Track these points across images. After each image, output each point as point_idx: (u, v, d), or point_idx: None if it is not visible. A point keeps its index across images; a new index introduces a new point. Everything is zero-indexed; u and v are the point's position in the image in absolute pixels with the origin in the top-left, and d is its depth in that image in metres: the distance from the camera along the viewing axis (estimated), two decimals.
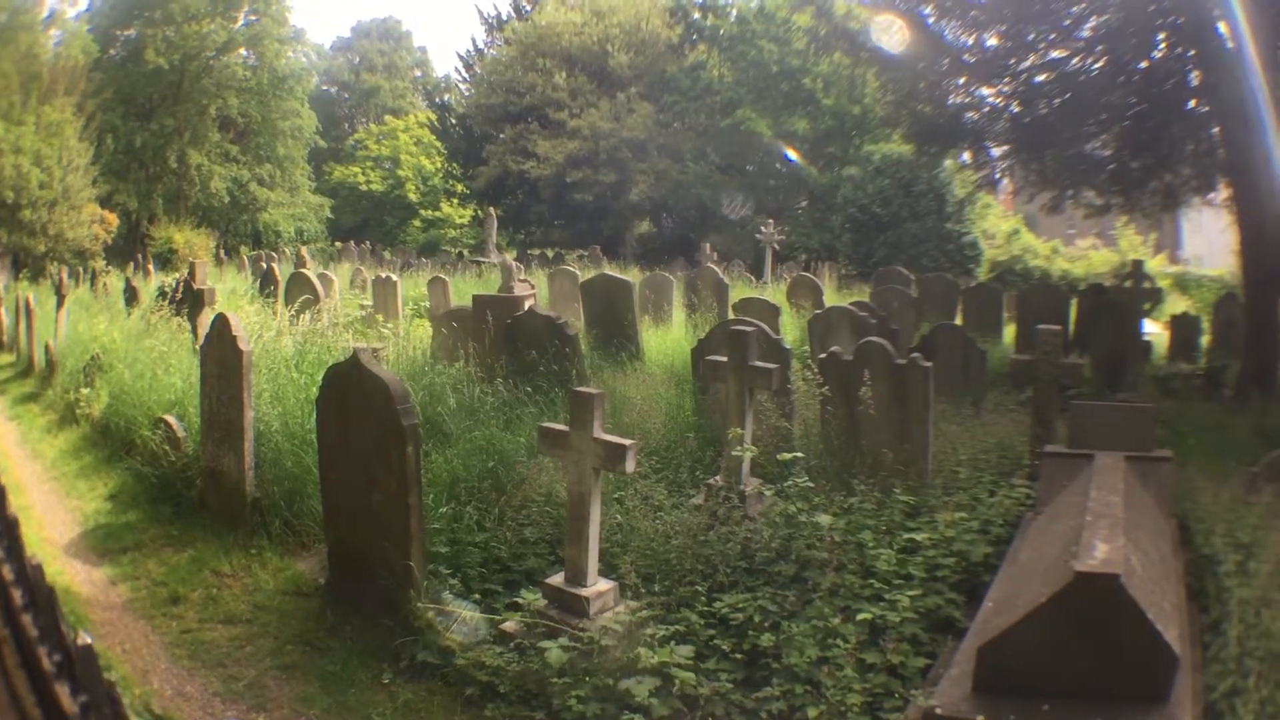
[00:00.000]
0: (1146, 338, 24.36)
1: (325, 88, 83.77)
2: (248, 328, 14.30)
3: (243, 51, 64.53)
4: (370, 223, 74.24)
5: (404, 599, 8.58)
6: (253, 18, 64.20)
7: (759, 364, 11.37)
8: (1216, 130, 21.29)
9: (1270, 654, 7.25)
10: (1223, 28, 19.64)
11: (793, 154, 53.46)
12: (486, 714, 7.61)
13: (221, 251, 54.78)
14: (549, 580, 8.78)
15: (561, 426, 8.71)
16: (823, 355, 13.23)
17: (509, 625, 8.39)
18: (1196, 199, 25.31)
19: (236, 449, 11.31)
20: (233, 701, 7.89)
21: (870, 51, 24.65)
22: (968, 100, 24.42)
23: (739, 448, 10.98)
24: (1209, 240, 55.98)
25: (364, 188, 74.18)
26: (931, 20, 23.38)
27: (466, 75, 77.65)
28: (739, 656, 8.01)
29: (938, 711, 6.31)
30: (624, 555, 9.26)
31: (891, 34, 23.54)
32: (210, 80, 62.39)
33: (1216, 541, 9.41)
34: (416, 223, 75.57)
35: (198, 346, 13.69)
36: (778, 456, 10.91)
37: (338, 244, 62.11)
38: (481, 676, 7.83)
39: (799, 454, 11.13)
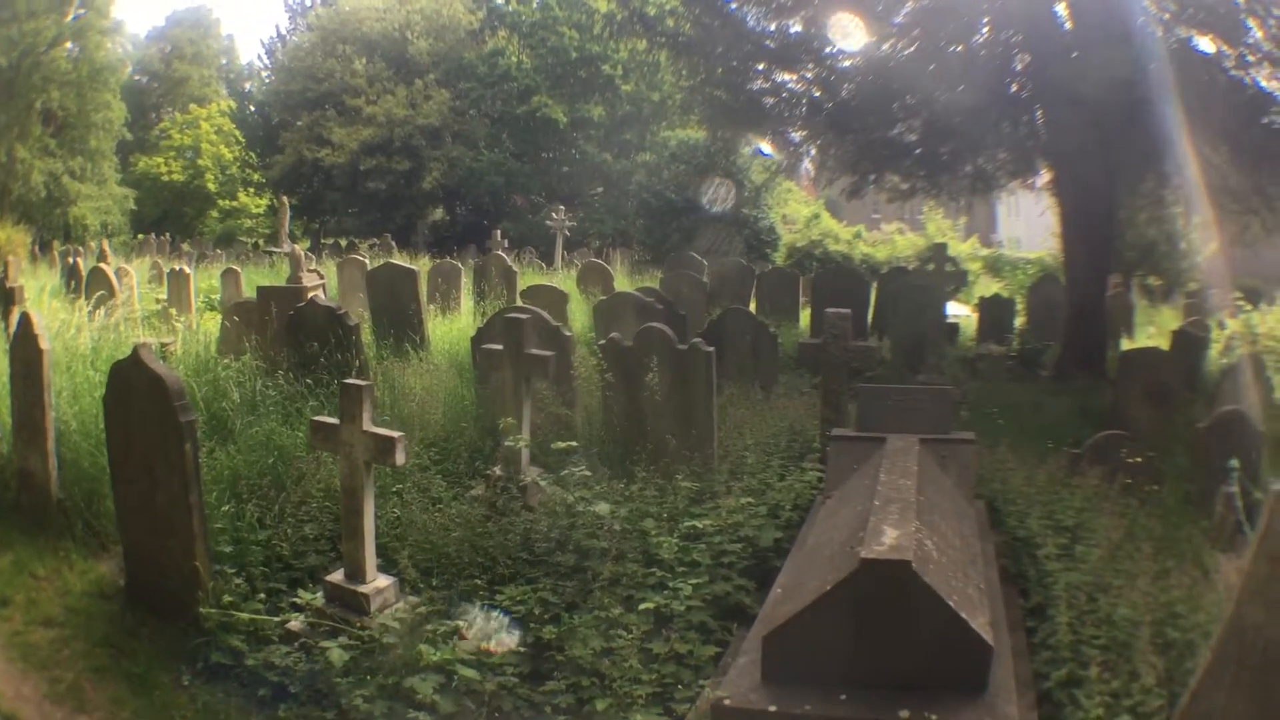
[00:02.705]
0: (953, 320, 24.70)
1: (137, 77, 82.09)
2: (52, 325, 14.01)
3: (69, 45, 63.25)
4: (171, 214, 72.34)
5: (193, 600, 8.19)
6: (81, 11, 62.78)
7: (535, 352, 11.22)
8: (1039, 113, 21.15)
9: (1115, 642, 7.10)
10: (1062, 9, 19.59)
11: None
12: (280, 715, 7.42)
13: (37, 248, 53.59)
14: (329, 577, 8.50)
15: (332, 420, 8.46)
16: (602, 342, 13.23)
17: (294, 624, 8.18)
18: (1015, 182, 25.56)
19: (41, 450, 10.87)
20: (58, 703, 7.68)
21: (667, 37, 24.60)
22: (767, 86, 24.39)
23: (513, 438, 10.79)
24: (1027, 223, 56.81)
25: (165, 178, 72.22)
26: (734, 6, 23.30)
27: (269, 62, 77.55)
28: (523, 650, 7.89)
29: (726, 703, 6.18)
30: (403, 549, 8.99)
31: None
32: (39, 75, 60.93)
33: (1033, 524, 9.48)
34: (214, 213, 73.66)
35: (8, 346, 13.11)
36: (552, 445, 10.94)
37: (140, 236, 61.12)
38: (272, 677, 7.62)
39: (574, 443, 10.93)
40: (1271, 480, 5.53)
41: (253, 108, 76.09)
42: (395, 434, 8.02)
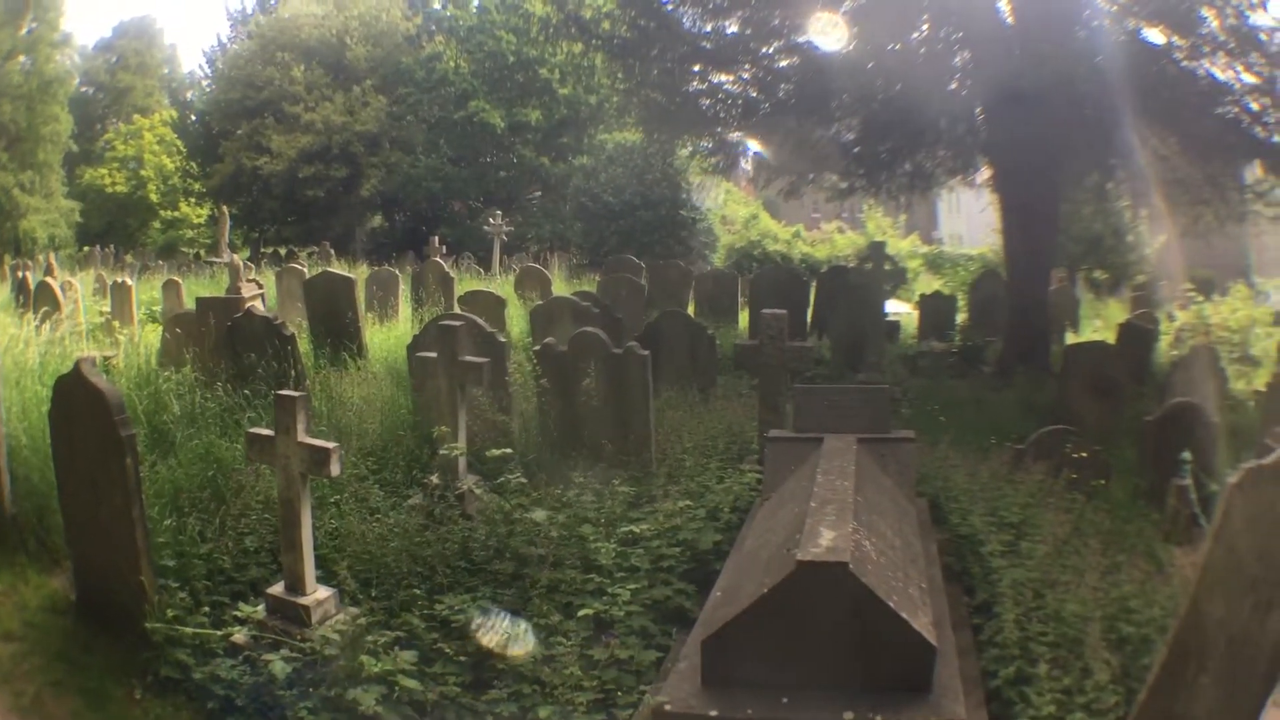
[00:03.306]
0: (893, 318, 24.91)
1: (84, 89, 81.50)
2: (0, 340, 14.25)
3: (22, 58, 62.86)
4: (115, 226, 72.01)
5: (140, 614, 8.11)
6: (34, 25, 62.42)
7: (469, 359, 11.15)
8: (979, 110, 21.22)
9: (1065, 639, 7.09)
10: (1004, 4, 19.58)
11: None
12: None
13: None
14: (270, 590, 8.42)
15: (267, 432, 8.40)
16: (537, 347, 13.25)
17: (238, 637, 8.03)
18: (955, 180, 25.73)
19: None
20: (24, 716, 7.63)
21: (602, 39, 24.68)
22: (704, 87, 24.49)
23: (448, 445, 10.83)
24: (968, 220, 57.35)
25: (109, 190, 72.16)
26: (671, 7, 23.41)
27: (209, 71, 76.24)
28: (464, 659, 7.86)
29: (667, 708, 6.26)
30: (342, 560, 9.01)
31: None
32: None
33: (976, 521, 9.47)
34: (156, 224, 73.85)
35: None
36: (486, 453, 11.01)
37: (86, 249, 60.26)
38: (219, 690, 7.52)
39: (508, 450, 11.02)
40: (1227, 472, 5.41)
41: (194, 117, 75.26)
42: (330, 445, 7.96)
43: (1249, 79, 18.31)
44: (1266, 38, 17.63)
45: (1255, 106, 18.64)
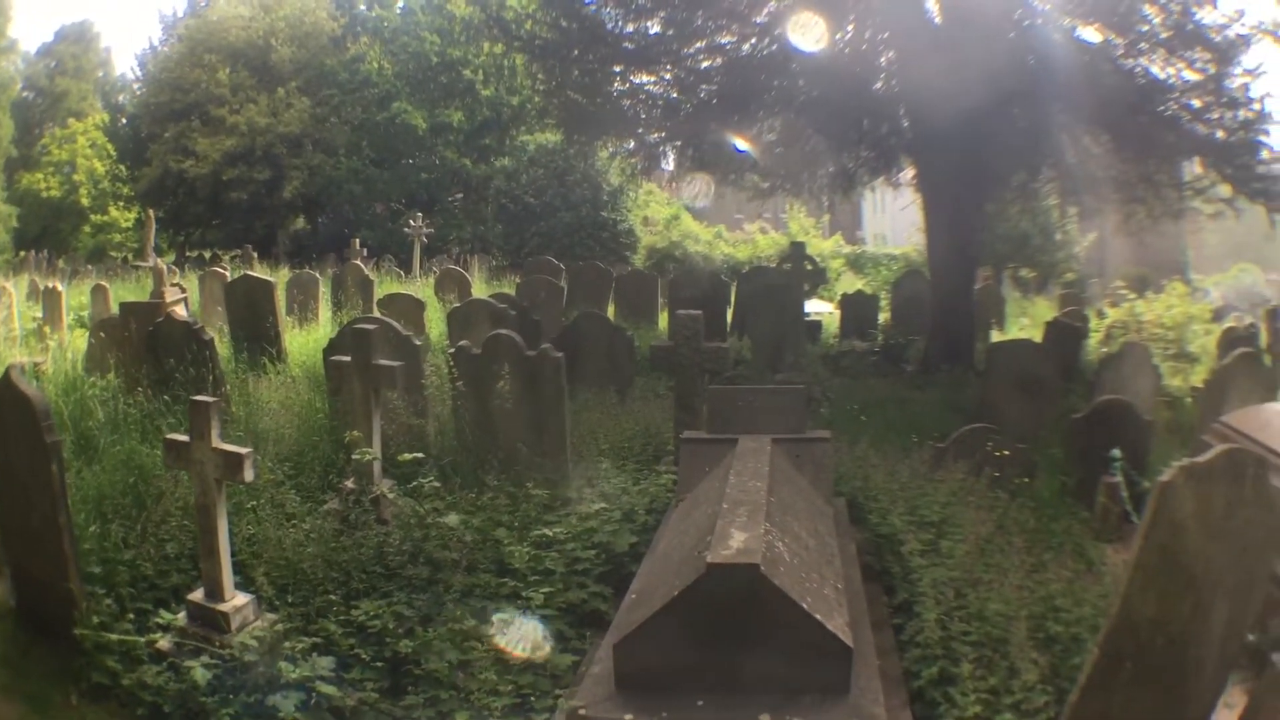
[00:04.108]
0: (815, 318, 25.12)
1: (24, 93, 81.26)
2: None
3: None
4: (49, 230, 71.69)
5: (71, 621, 8.13)
6: None
7: (382, 362, 10.95)
8: (903, 110, 21.34)
9: (989, 638, 7.10)
10: (932, 4, 19.56)
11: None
12: None
13: None
14: (191, 596, 8.42)
15: (183, 437, 8.34)
16: (452, 349, 13.18)
17: (162, 644, 8.08)
18: (878, 180, 26.04)
19: None
20: None
21: (522, 40, 24.89)
22: (625, 88, 24.57)
23: (360, 450, 10.71)
24: (892, 219, 57.86)
25: (44, 194, 71.70)
26: (594, 8, 23.55)
27: (140, 74, 75.34)
28: (380, 665, 7.94)
29: (581, 712, 6.18)
30: (259, 566, 9.01)
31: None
32: None
33: (896, 520, 9.49)
34: (87, 228, 73.78)
35: None
36: (398, 457, 10.89)
37: (22, 254, 59.69)
38: (146, 697, 7.62)
39: (419, 454, 11.05)
40: (1160, 469, 5.34)
41: (124, 120, 74.88)
42: (243, 450, 7.96)
43: (1190, 76, 18.48)
44: (1215, 34, 17.71)
45: (1197, 103, 18.79)
